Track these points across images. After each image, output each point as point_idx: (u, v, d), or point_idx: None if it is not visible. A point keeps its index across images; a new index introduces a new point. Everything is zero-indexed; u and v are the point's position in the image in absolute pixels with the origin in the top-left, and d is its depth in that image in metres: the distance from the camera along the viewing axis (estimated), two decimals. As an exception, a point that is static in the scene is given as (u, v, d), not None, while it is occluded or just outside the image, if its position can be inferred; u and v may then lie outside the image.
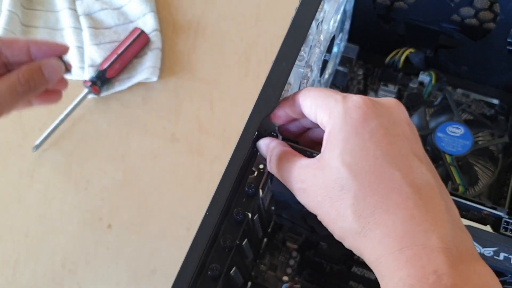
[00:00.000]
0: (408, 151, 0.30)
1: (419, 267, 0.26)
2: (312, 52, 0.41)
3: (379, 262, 0.28)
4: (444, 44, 0.57)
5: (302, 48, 0.39)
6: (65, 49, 0.41)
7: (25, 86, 0.38)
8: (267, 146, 0.37)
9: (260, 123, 0.38)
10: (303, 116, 0.36)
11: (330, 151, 0.31)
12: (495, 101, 0.57)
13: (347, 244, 0.31)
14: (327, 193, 0.30)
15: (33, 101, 0.43)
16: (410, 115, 0.54)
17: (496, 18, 0.52)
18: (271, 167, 0.36)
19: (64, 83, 0.45)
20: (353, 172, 0.29)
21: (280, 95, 0.37)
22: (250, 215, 0.39)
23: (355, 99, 0.31)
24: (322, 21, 0.41)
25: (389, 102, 0.32)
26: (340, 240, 0.31)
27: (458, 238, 0.28)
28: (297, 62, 0.40)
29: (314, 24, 0.40)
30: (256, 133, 0.39)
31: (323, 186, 0.30)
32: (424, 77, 0.56)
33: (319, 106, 0.33)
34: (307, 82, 0.40)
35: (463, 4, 0.52)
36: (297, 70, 0.40)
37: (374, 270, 0.29)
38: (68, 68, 0.42)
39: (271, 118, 0.38)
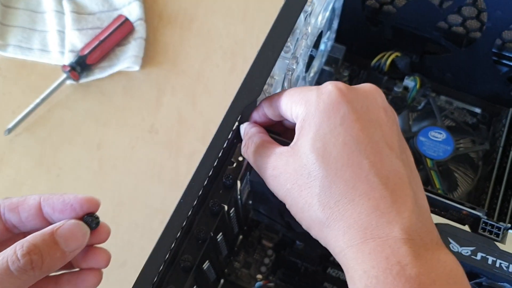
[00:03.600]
0: (379, 138, 0.29)
1: (383, 258, 0.26)
2: (298, 44, 0.40)
3: (343, 254, 0.28)
4: (430, 51, 0.57)
5: (288, 39, 0.38)
6: (93, 205, 0.30)
7: (25, 265, 0.25)
8: (245, 130, 0.36)
9: (242, 112, 0.37)
10: (281, 117, 0.35)
11: (302, 137, 0.30)
12: (477, 110, 0.57)
13: (313, 234, 0.30)
14: (296, 180, 0.30)
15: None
16: (393, 118, 0.54)
17: (482, 28, 0.53)
18: (247, 153, 0.35)
19: (101, 255, 0.32)
20: (321, 158, 0.28)
21: (264, 83, 0.36)
22: (226, 207, 0.38)
23: (328, 85, 0.30)
24: (310, 14, 0.40)
25: (365, 87, 0.31)
26: (307, 230, 0.31)
27: (423, 228, 0.27)
28: (282, 53, 0.39)
29: (302, 16, 0.39)
30: (237, 123, 0.38)
31: (293, 173, 0.30)
32: (409, 82, 0.56)
33: (294, 101, 0.32)
34: (292, 74, 0.39)
35: (451, 11, 0.52)
36: (283, 62, 0.40)
37: (339, 262, 0.29)
38: (102, 234, 0.31)
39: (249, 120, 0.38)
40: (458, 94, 0.58)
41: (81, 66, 0.59)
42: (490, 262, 0.34)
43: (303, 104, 0.31)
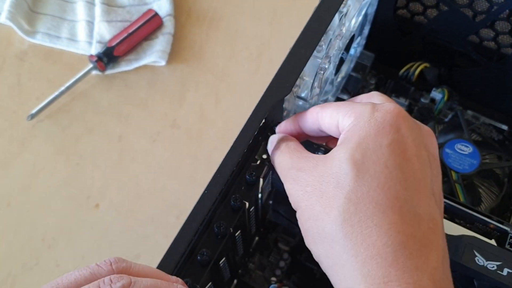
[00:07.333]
0: (424, 178, 0.26)
1: None
2: (331, 44, 0.39)
3: None
4: (459, 64, 0.56)
5: (322, 38, 0.38)
6: None
7: None
8: (278, 137, 0.34)
9: (271, 107, 0.36)
10: (317, 132, 0.32)
11: (341, 146, 0.28)
12: (504, 127, 0.56)
13: (319, 251, 0.27)
14: (320, 185, 0.27)
15: None
16: (419, 129, 0.53)
17: (515, 44, 0.52)
18: (275, 153, 0.33)
19: None
20: (356, 170, 0.26)
21: (295, 81, 0.36)
22: (247, 204, 0.38)
23: (388, 105, 0.28)
24: (345, 15, 0.40)
25: (426, 127, 0.29)
26: (312, 245, 0.28)
27: (447, 282, 0.25)
28: (314, 52, 0.39)
29: (337, 16, 0.39)
30: (264, 120, 0.37)
31: (318, 178, 0.27)
32: (436, 94, 0.55)
33: (343, 112, 0.29)
34: (323, 74, 0.39)
35: (483, 24, 0.52)
36: (314, 62, 0.39)
37: None
38: None
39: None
40: (485, 109, 0.57)
41: (108, 57, 0.59)
42: (517, 278, 0.33)
43: (353, 116, 0.28)
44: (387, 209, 0.25)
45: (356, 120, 0.28)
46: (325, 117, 0.31)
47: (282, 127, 0.35)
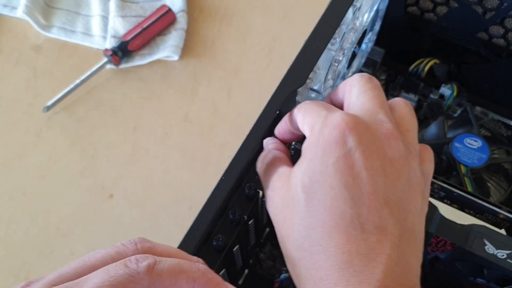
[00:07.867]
0: (374, 190, 0.26)
1: None
2: (345, 37, 0.40)
3: None
4: (467, 61, 0.57)
5: (336, 31, 0.39)
6: None
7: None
8: (265, 144, 0.35)
9: (285, 98, 0.37)
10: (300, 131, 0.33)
11: (298, 165, 0.28)
12: (513, 123, 0.57)
13: (290, 271, 0.29)
14: (283, 209, 0.29)
15: None
16: (428, 124, 0.54)
17: (524, 41, 0.53)
18: (260, 167, 0.34)
19: None
20: (305, 195, 0.27)
21: (310, 72, 0.37)
22: (261, 193, 0.39)
23: (337, 117, 0.27)
24: (359, 9, 0.41)
25: (386, 128, 0.28)
26: (286, 264, 0.29)
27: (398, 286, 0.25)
28: (328, 45, 0.39)
29: (351, 10, 0.40)
30: (278, 112, 0.38)
31: (282, 200, 0.29)
32: (445, 90, 0.56)
33: (306, 119, 0.30)
34: (337, 66, 0.40)
35: (493, 21, 0.52)
36: (328, 54, 0.40)
37: None
38: None
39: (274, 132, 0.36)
40: (493, 106, 0.58)
41: (122, 52, 0.60)
42: (526, 266, 0.33)
43: (310, 129, 0.29)
44: (333, 232, 0.26)
45: (310, 136, 0.28)
46: (298, 119, 0.31)
47: (276, 130, 0.36)
